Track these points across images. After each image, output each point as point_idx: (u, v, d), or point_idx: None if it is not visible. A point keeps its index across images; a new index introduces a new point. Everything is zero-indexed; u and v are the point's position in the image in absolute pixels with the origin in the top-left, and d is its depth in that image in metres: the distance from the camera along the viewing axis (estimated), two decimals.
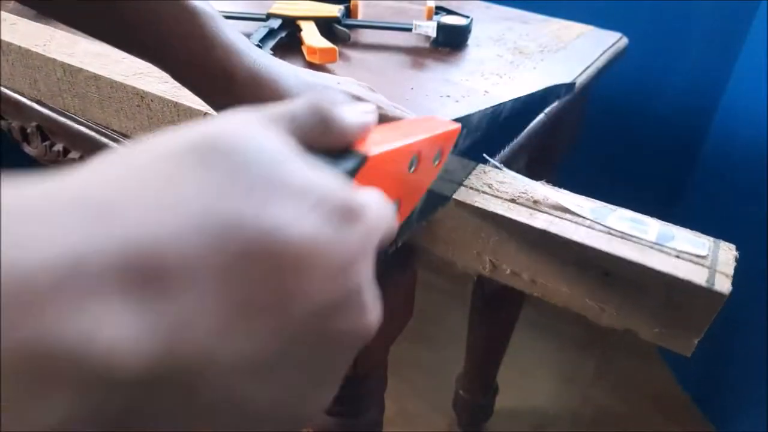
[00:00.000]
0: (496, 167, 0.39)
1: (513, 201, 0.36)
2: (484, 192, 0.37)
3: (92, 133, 0.50)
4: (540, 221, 0.34)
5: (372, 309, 0.18)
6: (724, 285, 0.31)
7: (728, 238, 0.34)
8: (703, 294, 0.30)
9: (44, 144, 0.60)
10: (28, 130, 0.60)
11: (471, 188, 0.38)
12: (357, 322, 0.18)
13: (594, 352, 1.24)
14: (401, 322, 0.47)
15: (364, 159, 0.21)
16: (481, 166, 0.40)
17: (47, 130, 0.59)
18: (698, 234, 0.35)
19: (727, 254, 0.33)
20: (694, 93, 1.03)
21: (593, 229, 0.34)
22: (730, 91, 0.96)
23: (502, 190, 0.37)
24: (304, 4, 0.64)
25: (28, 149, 0.63)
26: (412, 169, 0.27)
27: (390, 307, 0.45)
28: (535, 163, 0.48)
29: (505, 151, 0.46)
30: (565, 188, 0.38)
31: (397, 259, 0.39)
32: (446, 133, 0.31)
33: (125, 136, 0.50)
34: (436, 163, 0.30)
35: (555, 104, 0.52)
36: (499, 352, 0.99)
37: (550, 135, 0.54)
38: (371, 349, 0.45)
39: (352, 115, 0.21)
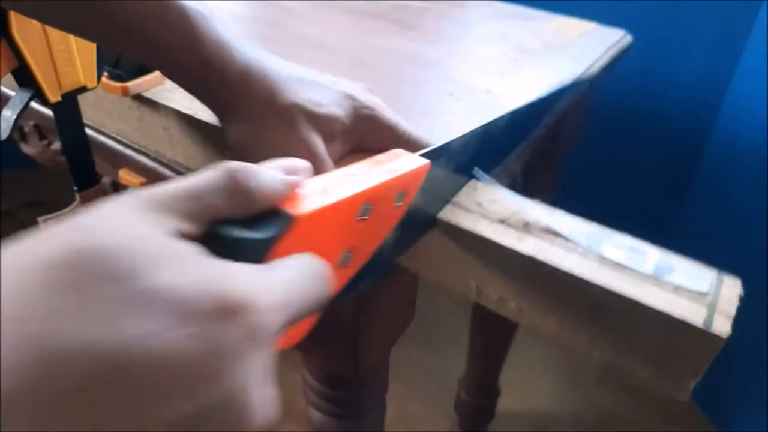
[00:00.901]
0: (489, 182, 0.37)
1: (502, 222, 0.34)
2: (472, 211, 0.35)
3: (90, 132, 0.49)
4: (528, 246, 0.32)
5: (258, 409, 0.17)
6: (723, 327, 0.28)
7: (730, 236, 0.33)
8: (699, 335, 0.28)
9: (42, 143, 0.60)
10: (26, 130, 0.60)
11: (459, 206, 0.35)
12: (235, 424, 0.17)
13: None
14: (402, 324, 0.47)
15: (289, 221, 0.20)
16: (473, 181, 0.37)
17: (45, 129, 0.58)
18: (701, 266, 0.32)
19: (730, 291, 0.30)
20: (698, 90, 1.02)
21: (585, 257, 0.31)
22: (733, 88, 0.95)
23: (492, 209, 0.35)
24: None
25: (26, 148, 0.62)
26: (365, 216, 0.25)
27: (391, 309, 0.45)
28: (539, 160, 0.47)
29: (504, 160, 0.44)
30: (568, 185, 0.36)
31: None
32: (409, 174, 0.28)
33: (120, 137, 0.50)
34: (400, 203, 0.28)
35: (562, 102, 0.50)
36: (502, 354, 0.98)
37: (553, 132, 0.53)
38: (372, 352, 0.44)
39: (272, 178, 0.20)
